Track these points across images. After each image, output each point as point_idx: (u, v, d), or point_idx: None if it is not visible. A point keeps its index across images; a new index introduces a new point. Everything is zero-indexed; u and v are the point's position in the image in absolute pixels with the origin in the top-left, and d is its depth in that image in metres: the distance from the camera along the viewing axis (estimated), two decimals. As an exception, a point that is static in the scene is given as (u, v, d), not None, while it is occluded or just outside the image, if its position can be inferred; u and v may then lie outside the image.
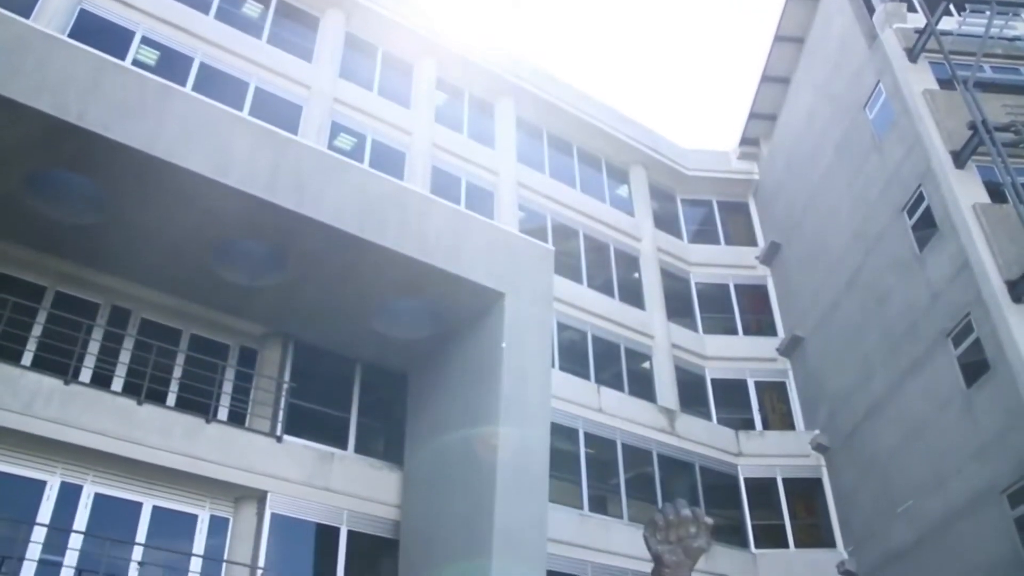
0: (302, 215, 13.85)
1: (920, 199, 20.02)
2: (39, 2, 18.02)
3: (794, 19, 26.99)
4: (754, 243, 29.12)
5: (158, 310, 16.46)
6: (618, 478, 21.33)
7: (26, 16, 16.24)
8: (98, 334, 15.59)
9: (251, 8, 22.55)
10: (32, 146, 12.98)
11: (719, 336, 26.82)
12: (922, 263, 19.77)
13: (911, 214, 20.40)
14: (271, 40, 22.09)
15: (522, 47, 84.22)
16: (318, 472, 16.09)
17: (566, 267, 23.58)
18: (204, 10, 21.12)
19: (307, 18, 23.47)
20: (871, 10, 23.42)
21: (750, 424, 25.13)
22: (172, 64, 19.53)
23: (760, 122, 29.45)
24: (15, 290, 14.74)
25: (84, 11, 18.93)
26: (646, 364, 24.67)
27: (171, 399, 15.68)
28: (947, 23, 21.98)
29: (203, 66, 20.15)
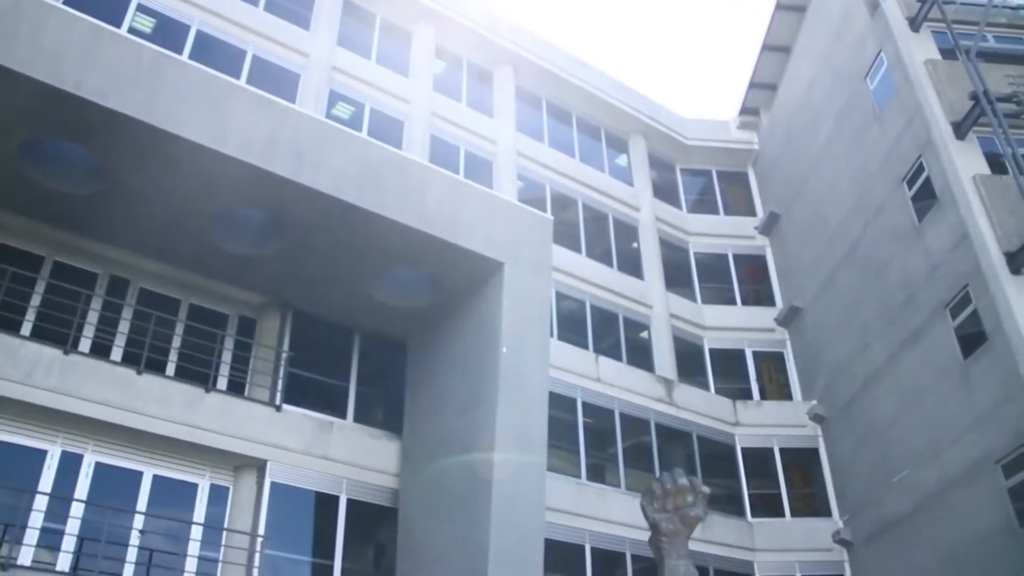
0: (300, 184, 13.81)
1: (920, 170, 19.96)
2: (33, -32, 17.82)
3: (796, -13, 26.80)
4: (753, 213, 29.07)
5: (157, 280, 16.45)
6: (616, 447, 21.45)
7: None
8: (97, 304, 15.60)
9: (248, -25, 22.32)
10: (28, 115, 12.91)
11: (717, 306, 26.87)
12: (921, 234, 19.76)
13: (911, 185, 20.36)
14: (268, 7, 21.88)
15: (521, 15, 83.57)
16: (317, 441, 16.17)
17: (565, 236, 23.55)
18: (200, -23, 20.91)
19: (304, -15, 23.26)
20: (873, -22, 23.22)
21: (747, 394, 25.23)
22: (169, 32, 19.35)
23: (760, 92, 29.29)
24: (13, 260, 14.72)
25: (79, -23, 18.75)
26: (644, 334, 24.72)
27: (170, 368, 15.72)
28: (950, -9, 21.80)
29: (200, 34, 19.98)
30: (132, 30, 18.64)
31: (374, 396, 18.04)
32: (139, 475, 14.62)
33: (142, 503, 14.43)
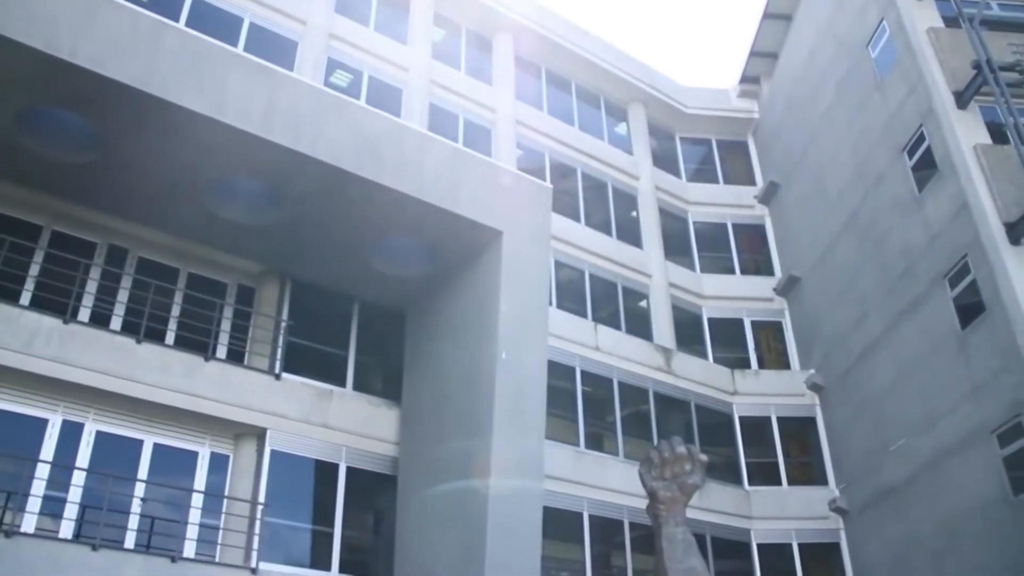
0: (298, 152, 13.74)
1: (921, 139, 19.89)
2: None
3: (798, -46, 26.54)
4: (753, 182, 28.99)
5: (155, 249, 16.43)
6: (614, 416, 21.54)
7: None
8: (96, 273, 15.59)
9: (244, -60, 22.06)
10: (24, 83, 12.82)
11: (716, 275, 26.88)
12: (921, 204, 19.72)
13: (911, 155, 20.28)
14: (265, -26, 21.66)
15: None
16: (317, 409, 16.24)
17: (564, 205, 23.48)
18: (196, -58, 20.67)
19: (302, -50, 23.00)
20: (876, -55, 22.97)
21: (746, 363, 25.32)
22: (165, -1, 19.19)
23: (761, 60, 29.07)
24: (12, 230, 14.70)
25: (74, -57, 18.52)
26: (643, 303, 24.74)
27: (170, 337, 15.75)
28: (954, -42, 21.57)
29: (196, 1, 19.79)
30: (128, -4, 18.45)
31: (373, 364, 18.09)
32: (139, 443, 14.70)
33: (143, 471, 14.52)
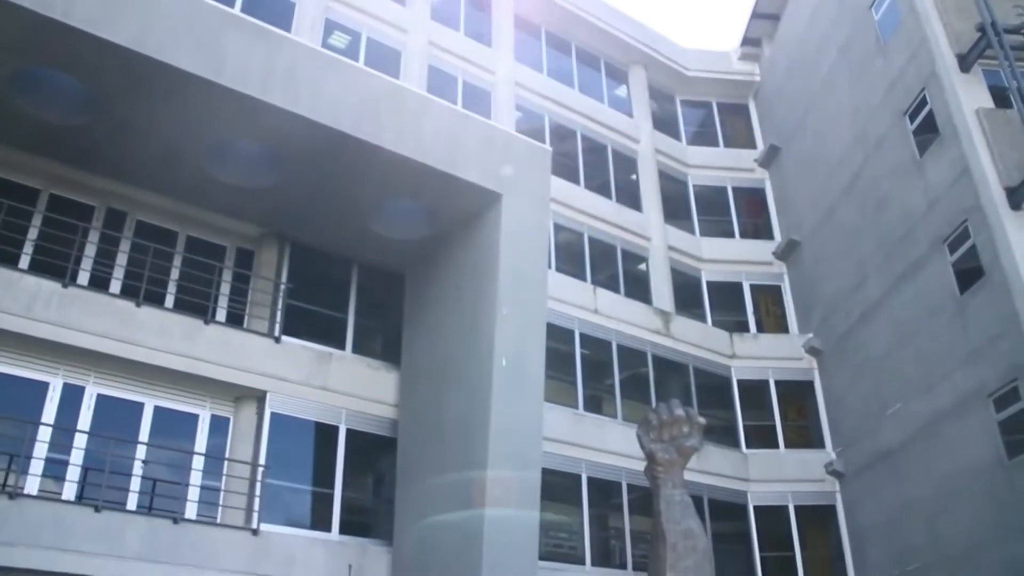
0: (297, 115, 13.65)
1: (923, 103, 19.76)
2: None
3: (802, -87, 26.19)
4: (753, 146, 28.85)
5: (154, 212, 16.39)
6: (613, 378, 21.63)
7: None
8: (94, 236, 15.56)
9: (240, -102, 21.76)
10: (17, 44, 12.68)
11: (716, 239, 26.84)
12: (921, 169, 19.65)
13: (913, 119, 20.17)
14: (262, -67, 21.39)
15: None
16: (316, 372, 16.30)
17: (563, 168, 23.41)
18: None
19: (299, -91, 22.68)
20: (881, -96, 22.66)
21: (744, 327, 25.37)
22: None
23: (763, 22, 28.78)
24: (8, 193, 14.65)
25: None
26: (642, 266, 24.74)
27: (169, 301, 15.77)
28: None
29: (192, -41, 19.53)
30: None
31: (373, 327, 18.13)
32: (140, 406, 14.77)
33: (144, 434, 14.61)
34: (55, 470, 13.67)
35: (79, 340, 13.88)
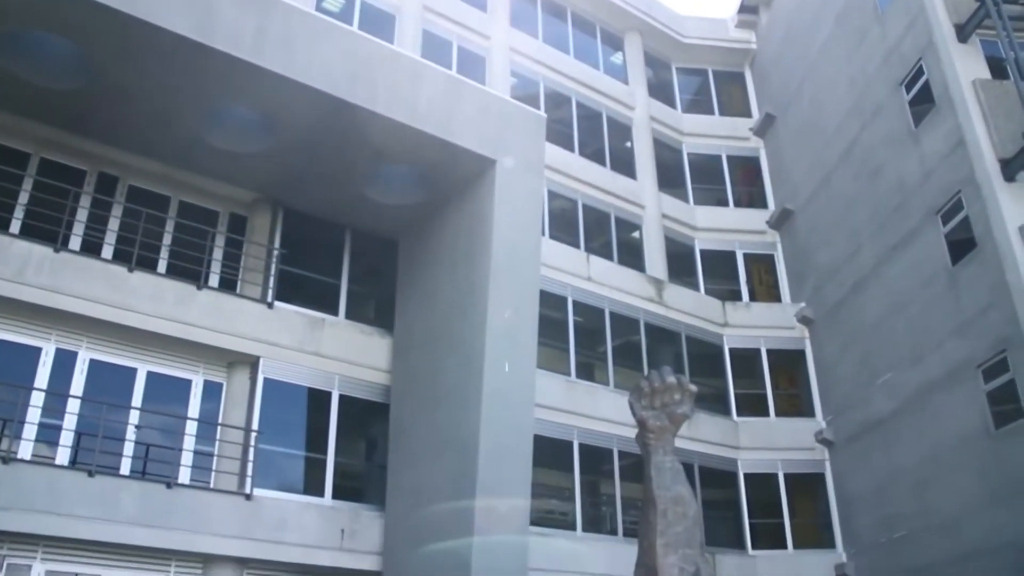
0: (290, 79, 13.54)
1: (919, 73, 19.67)
2: None
3: None
4: (749, 114, 28.72)
5: (146, 176, 16.29)
6: (605, 346, 21.69)
7: None
8: (86, 201, 15.48)
9: None
10: (7, 7, 12.52)
11: (710, 207, 26.81)
12: (917, 139, 19.61)
13: (909, 89, 20.09)
14: None
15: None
16: (309, 338, 16.32)
17: (558, 135, 23.32)
18: None
19: None
20: None
21: (737, 295, 25.43)
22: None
23: (760, -11, 28.61)
24: (-2, 156, 14.57)
25: None
26: (636, 234, 24.73)
27: (162, 266, 15.72)
28: None
29: (184, -81, 19.26)
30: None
31: (366, 293, 18.14)
32: (133, 372, 14.80)
33: (137, 399, 14.64)
34: (48, 435, 13.71)
35: (71, 305, 13.86)
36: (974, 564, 16.66)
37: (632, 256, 24.06)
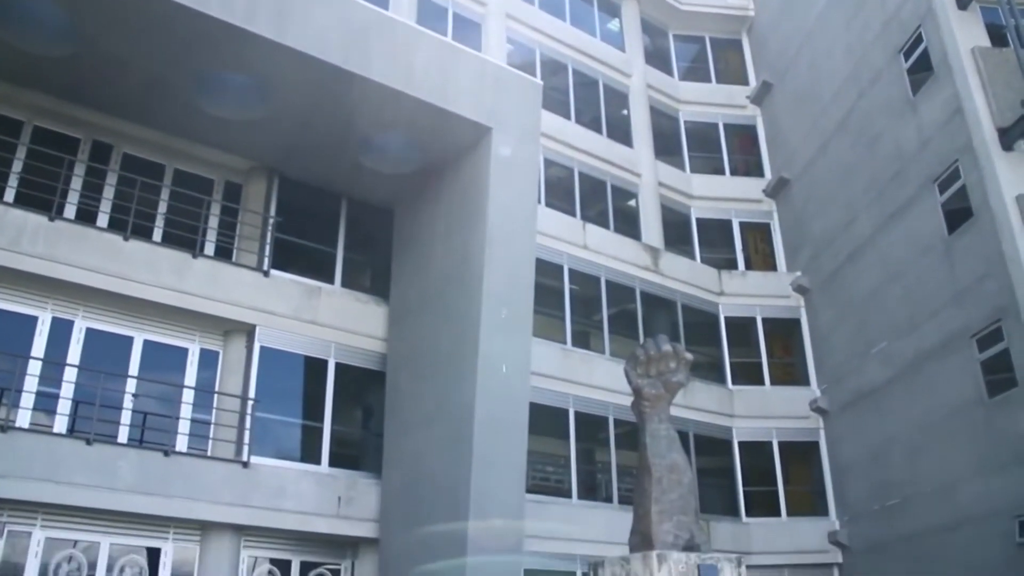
0: (283, 46, 13.40)
1: (918, 40, 19.53)
2: None
3: None
4: (746, 82, 28.55)
5: (140, 145, 16.19)
6: (601, 314, 21.73)
7: None
8: (80, 170, 15.40)
9: None
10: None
11: (706, 175, 26.73)
12: (915, 108, 19.52)
13: (908, 56, 19.96)
14: None
15: None
16: (305, 306, 16.32)
17: (554, 102, 23.18)
18: None
19: None
20: None
21: (733, 264, 25.43)
22: None
23: (759, -46, 28.34)
24: (-9, 125, 14.47)
25: None
26: (632, 202, 24.68)
27: (157, 235, 15.69)
28: None
29: None
30: None
31: (361, 261, 18.12)
32: (130, 340, 14.80)
33: (134, 368, 14.66)
34: (46, 404, 13.74)
35: (67, 274, 13.84)
36: (966, 531, 16.83)
37: (628, 224, 24.04)
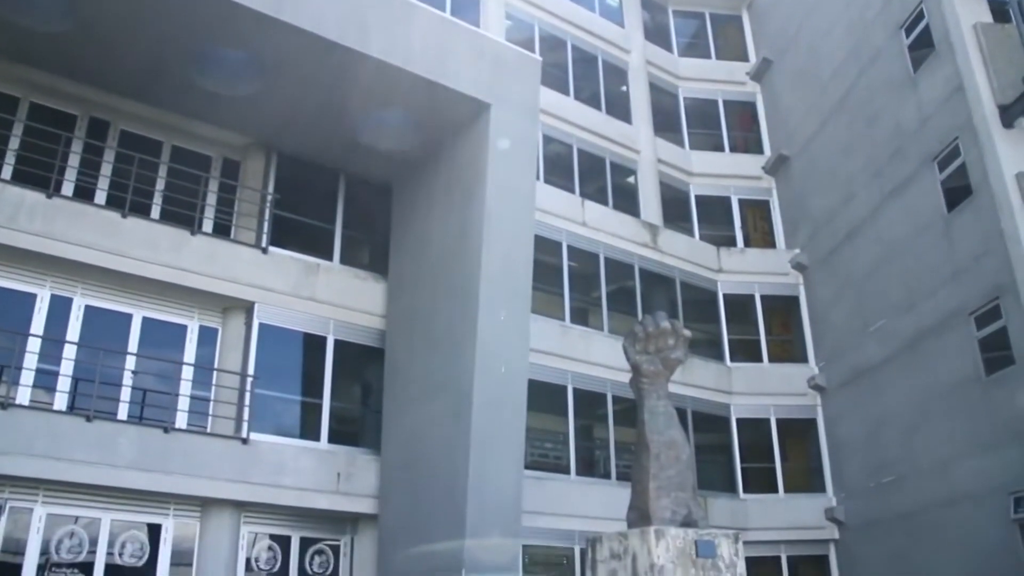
0: (280, 21, 13.34)
1: (920, 17, 19.41)
2: None
3: None
4: (745, 59, 28.39)
5: (138, 121, 16.14)
6: (600, 291, 21.73)
7: None
8: (78, 147, 15.35)
9: None
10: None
11: (705, 152, 26.65)
12: (915, 85, 19.44)
13: (909, 33, 19.85)
14: None
15: None
16: (304, 283, 16.33)
17: (553, 78, 23.06)
18: None
19: None
20: None
21: (732, 241, 25.41)
22: None
23: (760, -72, 28.10)
24: (-14, 101, 14.39)
25: None
26: (631, 178, 24.63)
27: (155, 211, 15.66)
28: None
29: None
30: None
31: (360, 238, 18.10)
32: (129, 317, 14.82)
33: (133, 344, 14.68)
34: (46, 381, 13.77)
35: (65, 251, 13.82)
36: (962, 509, 16.94)
37: (627, 201, 23.99)
